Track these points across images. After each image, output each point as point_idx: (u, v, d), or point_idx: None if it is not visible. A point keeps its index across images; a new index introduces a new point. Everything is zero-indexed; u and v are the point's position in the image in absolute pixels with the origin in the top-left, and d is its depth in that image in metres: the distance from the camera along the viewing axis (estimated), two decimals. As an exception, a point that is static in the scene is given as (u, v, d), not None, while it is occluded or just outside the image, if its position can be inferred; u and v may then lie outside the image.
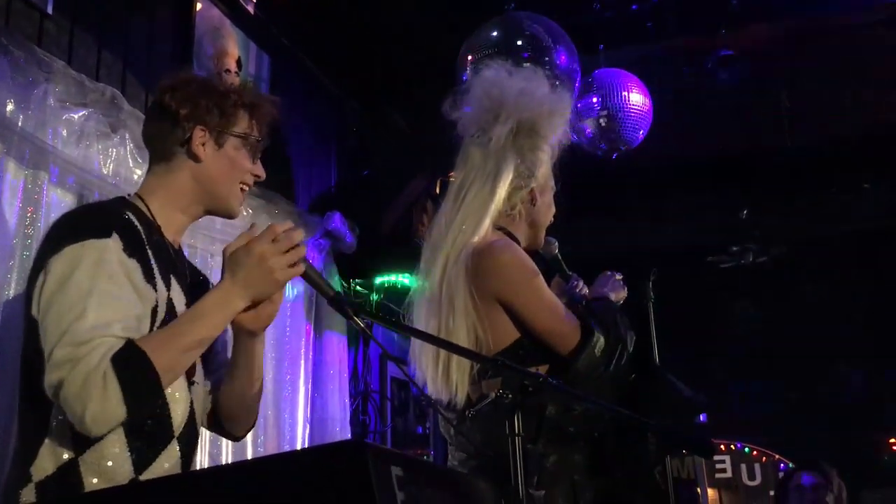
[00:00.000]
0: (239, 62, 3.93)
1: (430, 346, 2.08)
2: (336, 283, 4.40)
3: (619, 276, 2.43)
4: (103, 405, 1.41)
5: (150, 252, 1.66)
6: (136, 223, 1.67)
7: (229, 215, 1.86)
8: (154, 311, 1.61)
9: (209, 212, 1.84)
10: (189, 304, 1.72)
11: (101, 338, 1.46)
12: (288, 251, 1.62)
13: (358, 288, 4.82)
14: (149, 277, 1.62)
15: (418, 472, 0.95)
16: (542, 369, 2.00)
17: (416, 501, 0.90)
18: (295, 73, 4.55)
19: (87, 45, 3.10)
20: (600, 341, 2.02)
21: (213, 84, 1.84)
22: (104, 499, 1.08)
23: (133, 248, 1.61)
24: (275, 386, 3.99)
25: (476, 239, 2.11)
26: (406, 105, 5.23)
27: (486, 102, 2.21)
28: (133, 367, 1.45)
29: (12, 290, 2.57)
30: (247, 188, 1.85)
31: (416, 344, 2.19)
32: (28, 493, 1.52)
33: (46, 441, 1.54)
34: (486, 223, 2.14)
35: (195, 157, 1.77)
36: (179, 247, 1.84)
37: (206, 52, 3.72)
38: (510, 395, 1.56)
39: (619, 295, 2.39)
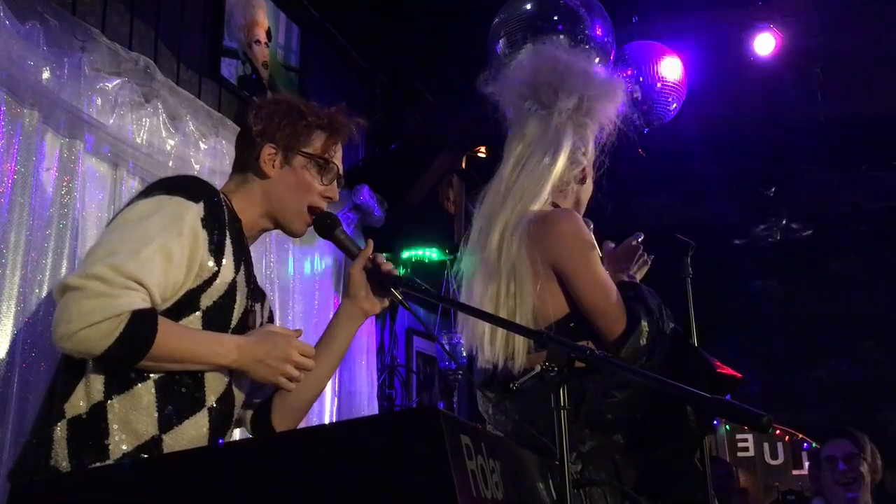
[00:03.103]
0: (269, 33, 3.91)
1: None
2: (364, 256, 4.39)
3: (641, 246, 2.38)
4: (91, 338, 1.46)
5: (227, 232, 1.72)
6: (225, 206, 1.75)
7: (292, 234, 1.92)
8: (210, 280, 1.66)
9: (276, 227, 1.90)
10: (250, 297, 1.79)
11: (140, 287, 1.52)
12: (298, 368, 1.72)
13: (385, 262, 4.81)
14: (216, 251, 1.68)
15: (482, 441, 0.94)
16: (591, 345, 1.98)
17: (481, 470, 0.90)
18: (324, 45, 4.52)
19: (121, 14, 3.09)
20: (645, 330, 1.99)
21: (296, 104, 1.89)
22: (181, 458, 1.08)
23: (212, 221, 1.68)
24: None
25: (535, 207, 2.09)
26: (434, 79, 5.20)
27: (546, 76, 2.19)
28: (141, 334, 1.51)
29: (49, 258, 2.58)
30: (318, 210, 1.88)
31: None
32: (61, 429, 1.56)
33: (82, 380, 1.58)
34: (545, 194, 2.13)
35: (262, 174, 1.84)
36: (249, 252, 1.88)
37: (237, 21, 3.70)
38: (556, 369, 1.54)
39: (642, 272, 2.37)
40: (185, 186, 1.70)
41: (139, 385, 1.59)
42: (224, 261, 1.69)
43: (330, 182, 1.89)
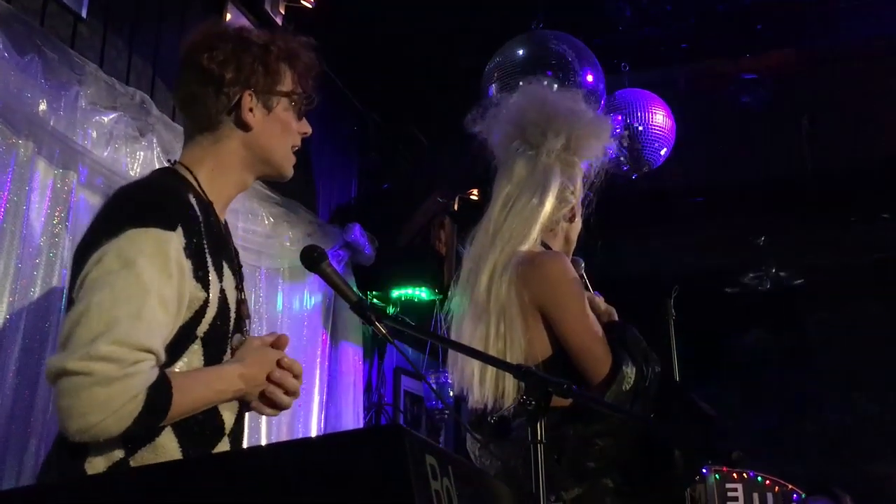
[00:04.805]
0: (266, 72, 3.96)
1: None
2: (353, 294, 4.41)
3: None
4: (111, 426, 1.34)
5: (206, 244, 1.55)
6: (196, 209, 1.56)
7: (282, 178, 1.76)
8: (202, 310, 1.53)
9: (260, 177, 1.75)
10: (238, 286, 1.66)
11: (149, 356, 1.39)
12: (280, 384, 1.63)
13: (375, 300, 4.83)
14: (201, 276, 1.52)
15: (449, 464, 0.95)
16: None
17: (447, 492, 0.91)
18: (320, 85, 4.59)
19: (119, 49, 3.15)
20: (629, 376, 1.99)
21: (250, 37, 1.67)
22: (122, 479, 1.08)
23: (192, 245, 1.51)
24: (289, 395, 3.99)
25: (524, 247, 2.11)
26: (427, 121, 5.27)
27: (533, 116, 2.21)
28: (159, 406, 1.40)
29: (38, 288, 2.60)
30: (296, 147, 1.75)
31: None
32: None
33: (91, 445, 1.44)
34: (535, 234, 2.13)
35: (245, 126, 1.64)
36: (225, 222, 1.74)
37: (234, 60, 3.75)
38: (533, 402, 1.55)
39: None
40: (155, 211, 1.48)
41: (161, 435, 1.48)
42: (211, 279, 1.55)
43: (302, 117, 1.75)
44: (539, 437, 1.52)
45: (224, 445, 1.61)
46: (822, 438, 6.83)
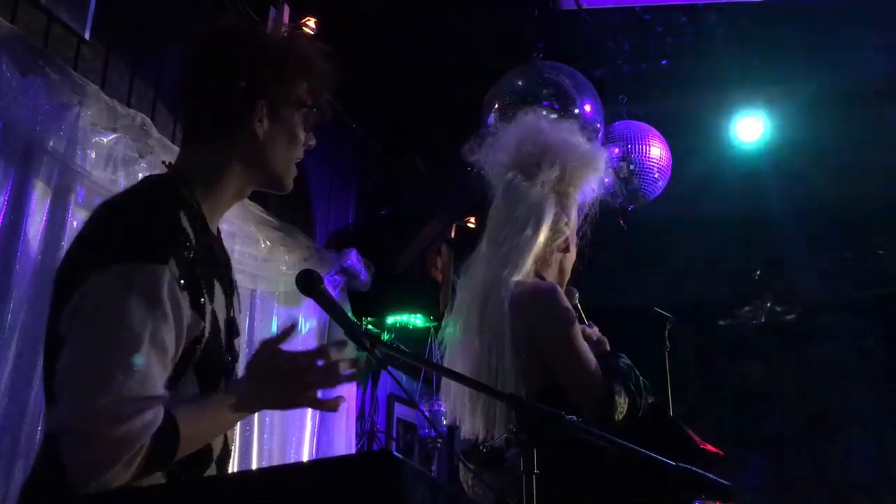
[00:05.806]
0: (266, 97, 3.98)
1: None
2: (349, 320, 4.40)
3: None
4: (117, 477, 1.27)
5: (197, 263, 1.44)
6: (189, 230, 1.44)
7: (282, 191, 1.67)
8: (198, 339, 1.44)
9: (259, 188, 1.66)
10: (228, 304, 1.55)
11: (149, 401, 1.30)
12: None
13: (370, 326, 4.82)
14: (197, 304, 1.42)
15: (442, 494, 0.95)
16: None
17: (439, 522, 0.90)
18: (334, 96, 4.61)
19: (121, 71, 3.17)
20: (622, 406, 1.99)
21: (268, 42, 1.58)
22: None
23: (187, 274, 1.39)
24: (281, 421, 3.97)
25: (518, 278, 2.11)
26: (426, 148, 5.30)
27: (528, 147, 2.23)
28: (165, 450, 1.33)
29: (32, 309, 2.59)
30: (299, 160, 1.66)
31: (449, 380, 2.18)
32: None
33: None
34: (528, 264, 2.15)
35: (252, 136, 1.54)
36: (218, 230, 1.64)
37: (235, 85, 3.77)
38: (524, 432, 1.55)
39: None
40: (145, 241, 1.36)
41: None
42: (206, 307, 1.45)
43: (310, 129, 1.65)
44: (532, 468, 1.52)
45: (211, 471, 1.55)
46: (818, 474, 6.78)
